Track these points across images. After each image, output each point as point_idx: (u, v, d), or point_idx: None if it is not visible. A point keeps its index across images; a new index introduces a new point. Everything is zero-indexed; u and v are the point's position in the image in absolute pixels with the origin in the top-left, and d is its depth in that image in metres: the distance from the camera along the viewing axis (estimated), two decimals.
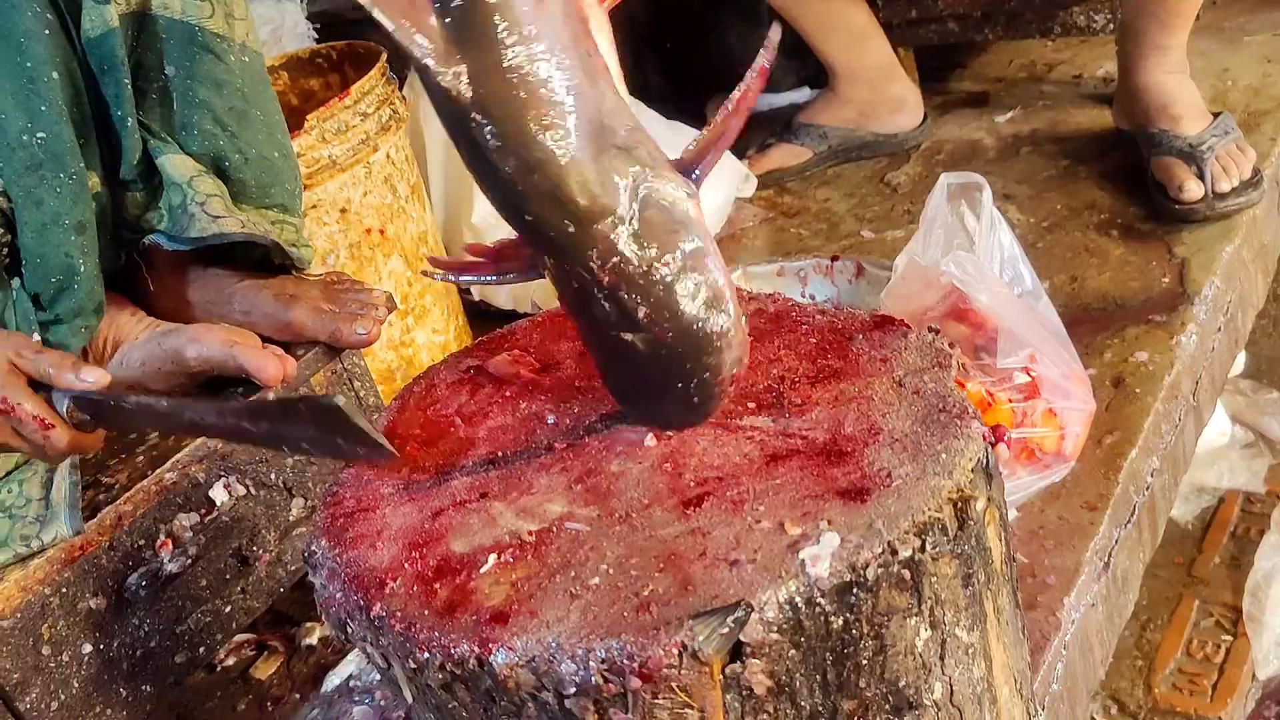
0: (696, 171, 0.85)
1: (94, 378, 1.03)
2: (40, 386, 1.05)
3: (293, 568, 1.36)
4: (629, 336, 0.81)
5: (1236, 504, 2.15)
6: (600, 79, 0.80)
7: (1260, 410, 2.27)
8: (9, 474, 1.21)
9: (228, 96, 1.30)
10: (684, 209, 0.80)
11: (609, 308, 0.80)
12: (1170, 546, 2.08)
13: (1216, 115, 1.87)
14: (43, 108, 1.20)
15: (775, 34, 0.88)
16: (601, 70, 0.80)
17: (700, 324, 0.80)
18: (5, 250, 1.29)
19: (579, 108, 0.77)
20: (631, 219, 0.78)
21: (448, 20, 0.75)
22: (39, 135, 1.21)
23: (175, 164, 1.27)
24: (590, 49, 0.80)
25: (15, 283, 1.28)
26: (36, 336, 1.27)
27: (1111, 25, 2.10)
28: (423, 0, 0.75)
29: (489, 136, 0.76)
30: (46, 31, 1.19)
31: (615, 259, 0.78)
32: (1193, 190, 1.77)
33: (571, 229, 0.78)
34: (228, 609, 1.30)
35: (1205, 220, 1.77)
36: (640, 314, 0.79)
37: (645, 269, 0.79)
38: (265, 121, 1.36)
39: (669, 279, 0.79)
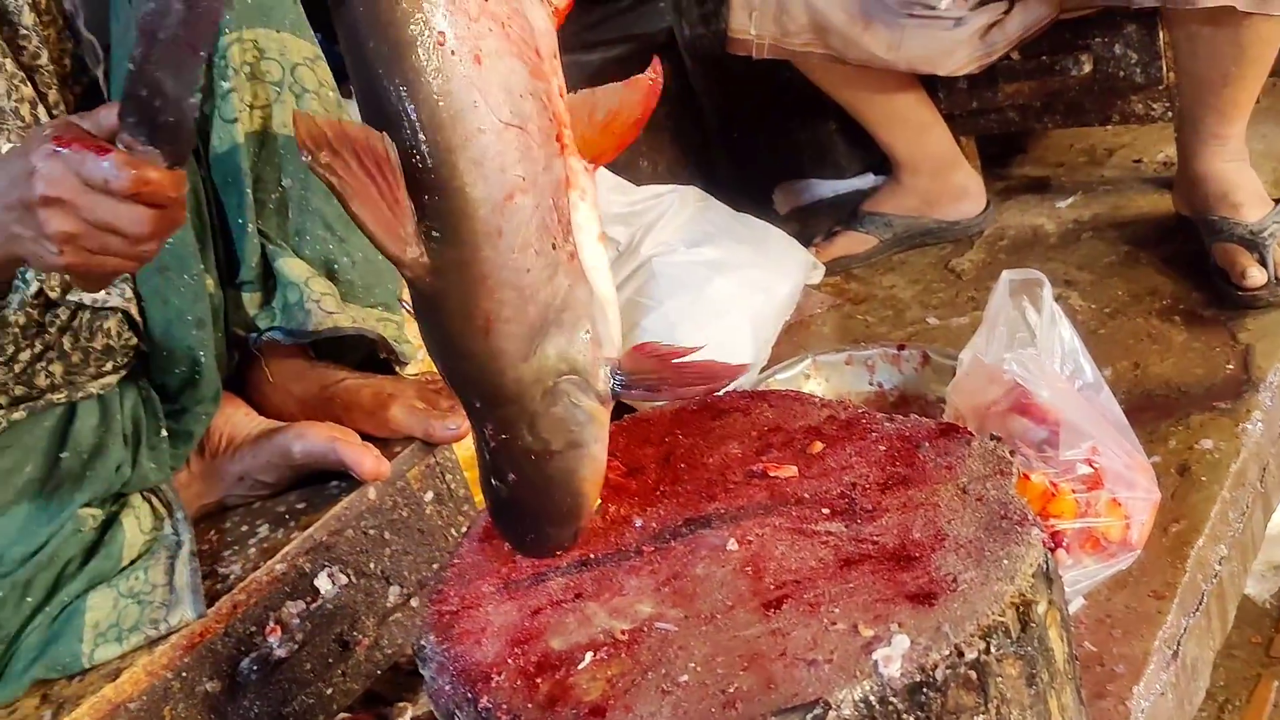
0: (622, 380, 0.92)
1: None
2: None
3: (389, 651, 1.44)
4: (494, 482, 0.93)
5: None
6: (560, 271, 0.88)
7: None
8: (134, 562, 1.31)
9: (337, 204, 1.41)
10: (586, 413, 0.90)
11: (486, 457, 0.92)
12: (1246, 626, 2.07)
13: (1278, 201, 1.91)
14: None
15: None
16: (564, 261, 0.88)
17: (556, 501, 0.93)
18: (132, 352, 1.41)
19: (523, 312, 0.86)
20: (534, 413, 0.89)
21: (420, 219, 0.85)
22: (167, 240, 1.33)
23: (291, 266, 1.39)
24: (557, 239, 0.87)
25: (143, 382, 1.41)
26: (164, 431, 1.39)
27: (1170, 113, 2.15)
28: (401, 207, 0.84)
29: (441, 323, 0.88)
30: None
31: (505, 435, 0.90)
32: (1255, 277, 1.81)
33: (479, 405, 0.90)
34: (329, 691, 1.38)
35: (1269, 306, 1.81)
36: (509, 477, 0.92)
37: (525, 449, 0.90)
38: None
39: (542, 462, 0.91)
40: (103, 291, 1.34)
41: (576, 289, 0.89)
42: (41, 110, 1.30)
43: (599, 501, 0.98)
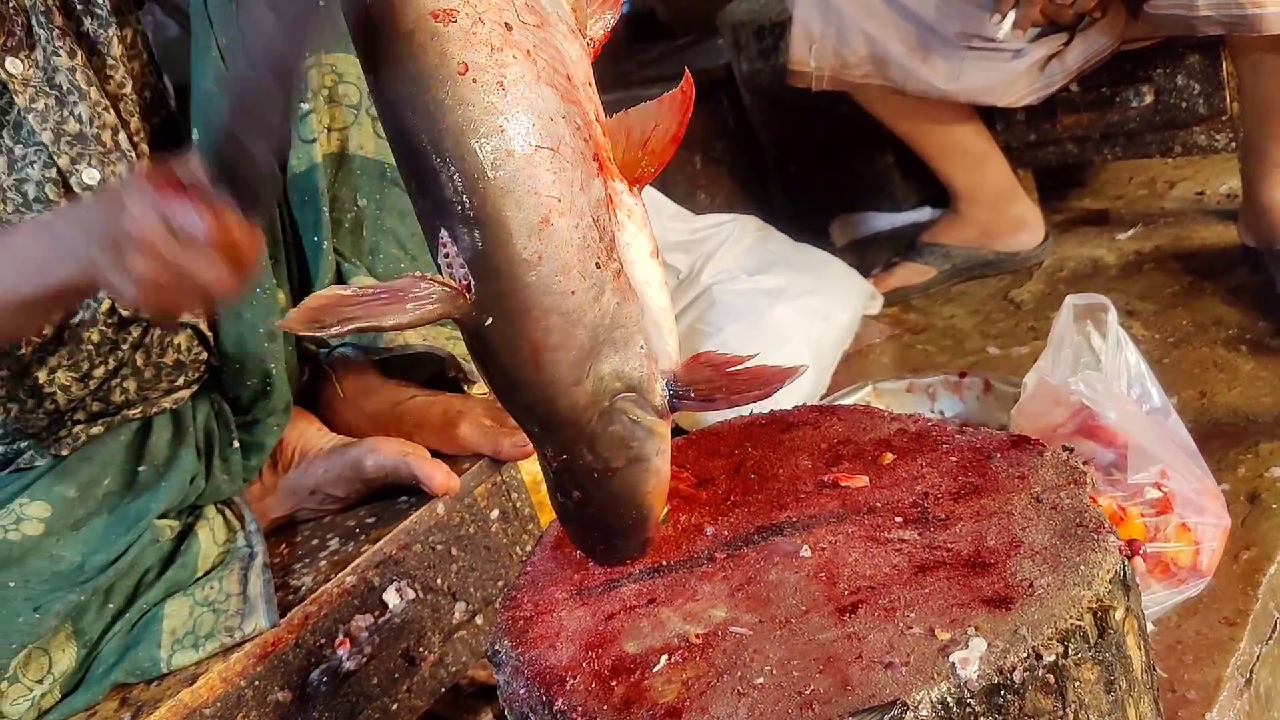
0: (679, 391, 0.94)
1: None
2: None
3: (453, 669, 1.46)
4: (560, 498, 0.96)
5: None
6: (606, 289, 0.88)
7: None
8: (208, 573, 1.33)
9: (410, 224, 1.45)
10: (645, 429, 0.92)
11: (552, 476, 0.95)
12: None
13: None
14: None
15: None
16: (610, 279, 0.89)
17: (621, 515, 0.95)
18: (203, 367, 1.45)
19: (571, 336, 0.87)
20: (593, 434, 0.91)
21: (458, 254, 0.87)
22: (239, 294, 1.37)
23: (365, 284, 1.41)
24: (600, 257, 0.88)
25: (215, 396, 1.44)
26: (236, 444, 1.42)
27: (1233, 144, 2.14)
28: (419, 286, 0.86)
29: (491, 357, 0.89)
30: None
31: (566, 457, 0.92)
32: None
33: (537, 430, 0.92)
34: (394, 707, 1.40)
35: None
36: (574, 494, 0.95)
37: (586, 468, 0.92)
38: None
39: (605, 480, 0.93)
40: None
41: (626, 306, 0.90)
42: (123, 137, 1.35)
43: (666, 511, 0.99)
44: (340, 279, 1.43)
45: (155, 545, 1.32)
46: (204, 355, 1.44)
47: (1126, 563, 0.85)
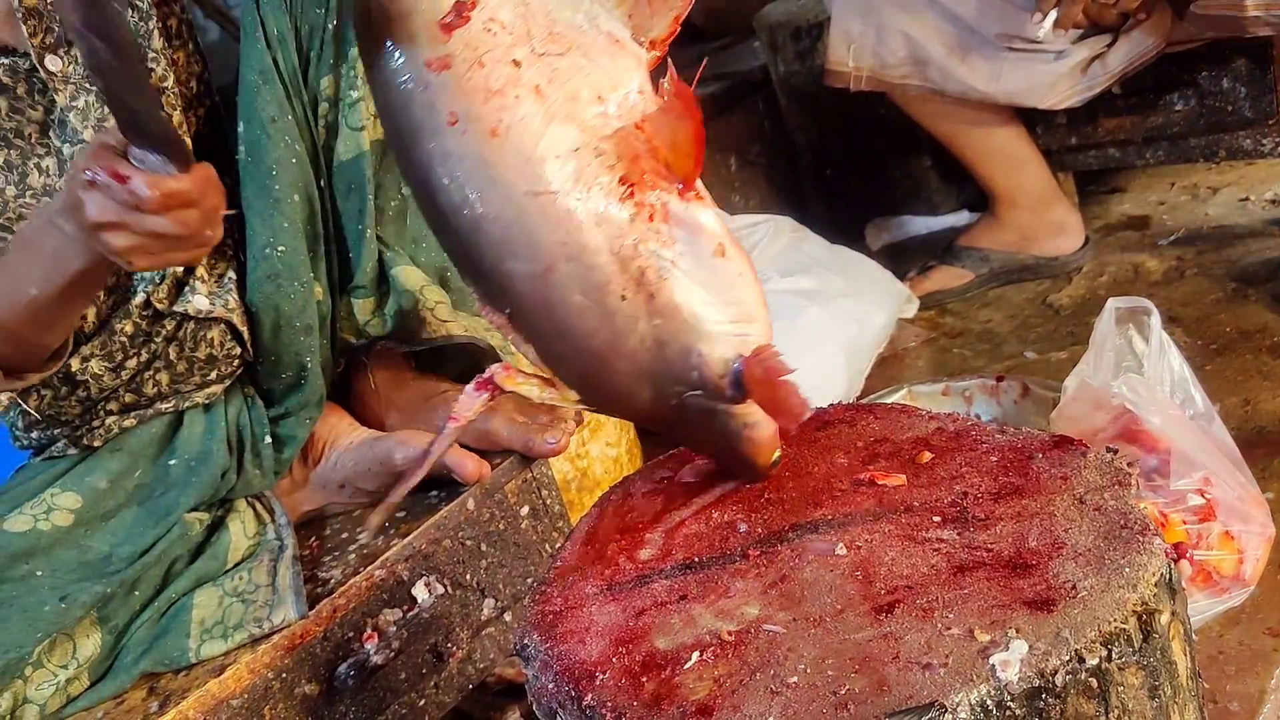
0: (739, 388, 0.94)
1: (109, 137, 1.05)
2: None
3: (480, 665, 1.44)
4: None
5: None
6: (641, 316, 0.89)
7: None
8: (238, 565, 1.33)
9: None
10: (721, 415, 0.95)
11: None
12: None
13: None
14: (284, 225, 1.38)
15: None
16: (643, 304, 0.89)
17: (734, 462, 1.00)
18: (236, 362, 1.45)
19: (611, 368, 0.91)
20: (678, 422, 0.96)
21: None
22: (279, 249, 1.38)
23: (407, 274, 1.42)
24: (628, 290, 0.89)
25: (249, 390, 1.44)
26: (268, 438, 1.42)
27: None
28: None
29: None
30: (294, 160, 1.37)
31: (670, 431, 1.00)
32: None
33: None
34: (421, 703, 1.39)
35: None
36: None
37: (690, 439, 1.02)
38: None
39: (708, 444, 1.00)
40: (207, 302, 1.38)
41: (671, 321, 0.89)
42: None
43: (777, 454, 1.00)
44: (382, 268, 1.42)
45: (184, 537, 1.32)
46: (237, 350, 1.44)
47: (1172, 566, 0.82)
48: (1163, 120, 2.20)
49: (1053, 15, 1.95)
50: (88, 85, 1.29)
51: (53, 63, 1.27)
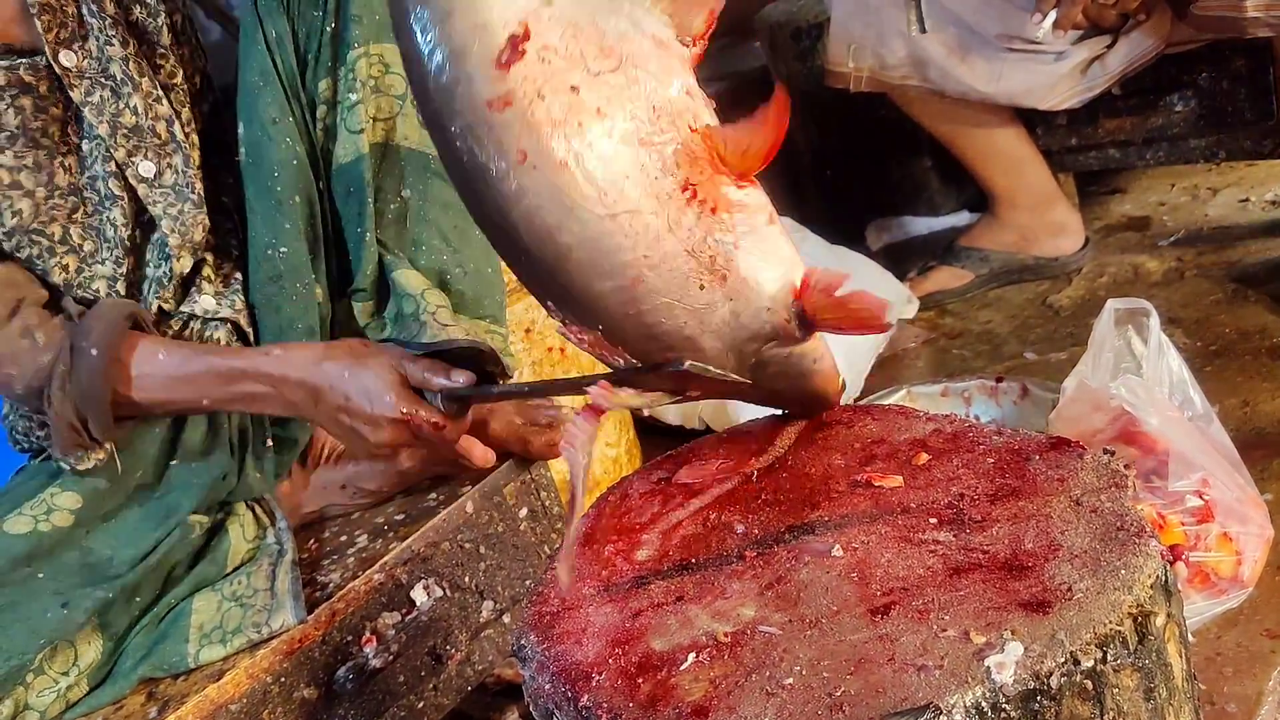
0: (805, 321, 0.98)
1: (464, 379, 1.25)
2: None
3: (479, 667, 1.45)
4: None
5: None
6: (719, 298, 0.93)
7: None
8: (237, 569, 1.33)
9: (453, 216, 1.44)
10: (796, 356, 1.00)
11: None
12: None
13: None
14: (286, 226, 1.38)
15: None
16: (718, 290, 0.92)
17: (807, 401, 1.06)
18: None
19: (703, 345, 0.94)
20: (762, 376, 0.99)
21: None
22: (281, 250, 1.38)
23: (408, 278, 1.41)
24: (705, 278, 0.91)
25: None
26: (269, 441, 1.42)
27: None
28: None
29: None
30: (294, 161, 1.37)
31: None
32: None
33: None
34: (420, 704, 1.39)
35: None
36: None
37: (770, 393, 1.04)
38: (483, 240, 1.49)
39: (787, 390, 1.03)
40: (214, 303, 1.38)
41: (743, 292, 0.93)
42: (177, 127, 1.35)
43: (842, 380, 1.06)
44: (382, 272, 1.42)
45: (185, 541, 1.32)
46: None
47: (1168, 568, 0.82)
48: (1163, 121, 2.20)
49: (1052, 16, 1.95)
50: (102, 80, 1.29)
51: (67, 58, 1.27)
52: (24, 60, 1.25)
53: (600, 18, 0.91)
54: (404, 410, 1.23)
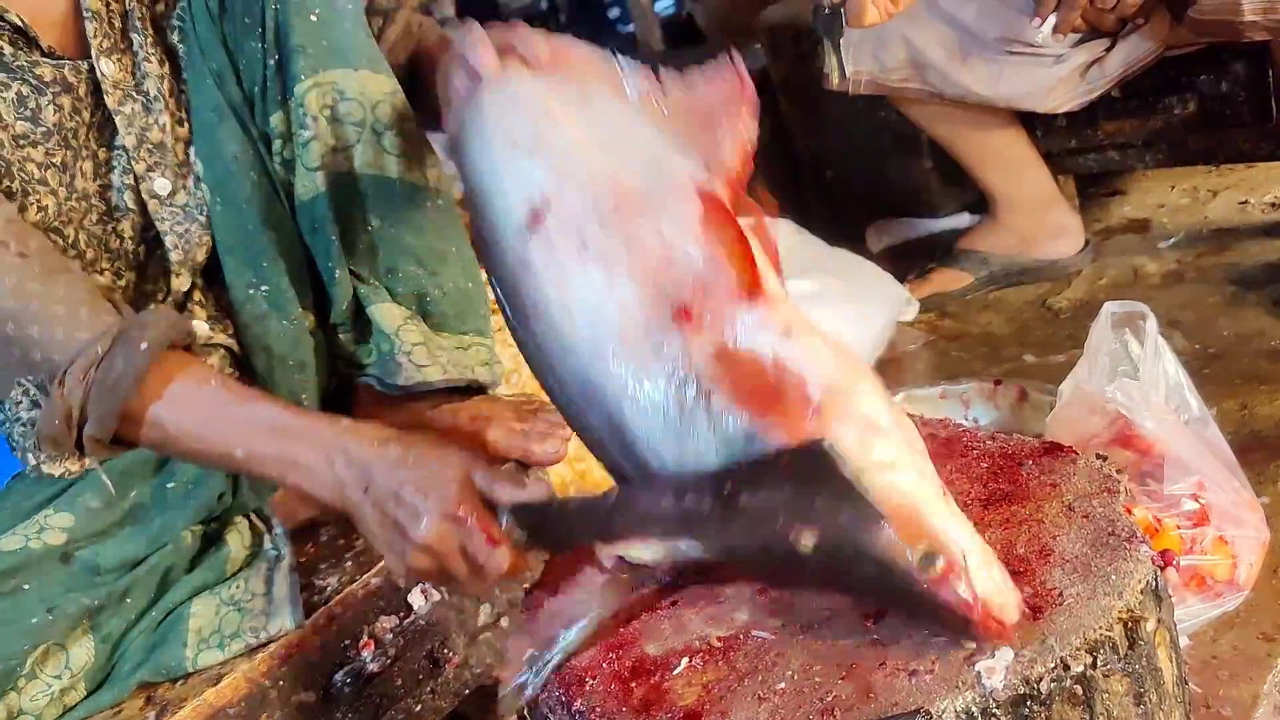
0: None
1: (541, 491, 1.04)
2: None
3: (478, 670, 1.45)
4: None
5: None
6: (700, 423, 0.90)
7: None
8: (235, 574, 1.33)
9: (427, 238, 1.42)
10: None
11: None
12: None
13: None
14: (264, 263, 1.35)
15: None
16: (700, 410, 0.90)
17: None
18: None
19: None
20: None
21: None
22: (263, 288, 1.36)
23: (384, 313, 1.39)
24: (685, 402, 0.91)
25: None
26: None
27: (1278, 152, 2.10)
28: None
29: None
30: (263, 194, 1.35)
31: None
32: None
33: None
34: (418, 708, 1.39)
35: None
36: None
37: None
38: (459, 256, 1.48)
39: None
40: (206, 328, 1.38)
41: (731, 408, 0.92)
42: (192, 151, 1.35)
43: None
44: (358, 304, 1.41)
45: (178, 549, 1.31)
46: (235, 376, 1.43)
47: (1159, 573, 0.83)
48: (1162, 123, 2.20)
49: (1052, 19, 1.94)
50: (135, 94, 1.29)
51: (107, 66, 1.27)
52: (69, 61, 1.26)
53: (622, 167, 0.98)
54: (463, 511, 1.01)
